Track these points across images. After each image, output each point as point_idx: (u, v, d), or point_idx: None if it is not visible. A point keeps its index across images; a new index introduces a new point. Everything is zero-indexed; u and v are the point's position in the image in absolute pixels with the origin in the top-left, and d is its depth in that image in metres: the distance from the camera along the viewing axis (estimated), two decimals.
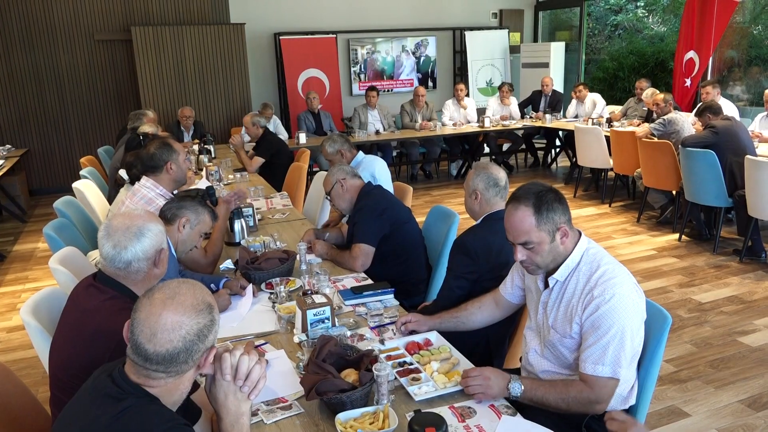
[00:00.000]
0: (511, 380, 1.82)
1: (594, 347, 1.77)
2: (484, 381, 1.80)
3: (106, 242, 1.79)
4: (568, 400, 1.78)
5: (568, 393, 1.79)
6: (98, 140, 8.49)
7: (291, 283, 2.75)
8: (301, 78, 9.04)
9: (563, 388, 1.81)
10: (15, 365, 3.69)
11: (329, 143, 4.14)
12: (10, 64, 8.06)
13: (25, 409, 1.86)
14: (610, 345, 1.74)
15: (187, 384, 1.36)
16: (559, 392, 1.80)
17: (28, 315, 2.09)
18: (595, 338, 1.77)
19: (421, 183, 8.62)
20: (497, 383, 1.81)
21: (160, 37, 8.13)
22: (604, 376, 1.75)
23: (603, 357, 1.75)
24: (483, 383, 1.80)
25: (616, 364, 1.75)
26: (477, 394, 1.80)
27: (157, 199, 3.03)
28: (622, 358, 1.75)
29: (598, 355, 1.76)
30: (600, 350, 1.75)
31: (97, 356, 1.56)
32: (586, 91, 8.43)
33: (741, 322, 4.01)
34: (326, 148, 4.12)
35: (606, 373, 1.75)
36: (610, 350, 1.74)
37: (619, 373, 1.75)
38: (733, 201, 5.16)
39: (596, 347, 1.76)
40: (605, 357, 1.75)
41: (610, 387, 1.77)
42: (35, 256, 5.95)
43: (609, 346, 1.74)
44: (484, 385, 1.80)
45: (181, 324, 1.28)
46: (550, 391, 1.81)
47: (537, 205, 1.83)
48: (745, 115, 7.60)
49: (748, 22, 9.40)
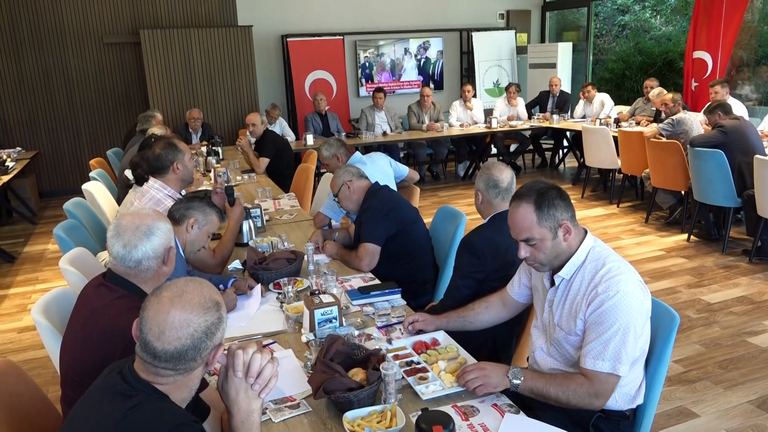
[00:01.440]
0: (511, 368, 1.82)
1: (595, 342, 1.77)
2: (481, 372, 1.81)
3: (116, 241, 1.80)
4: (568, 393, 1.78)
5: (568, 386, 1.79)
6: (107, 142, 8.55)
7: (299, 283, 2.76)
8: (309, 80, 9.07)
9: (564, 381, 1.81)
10: (26, 365, 3.72)
11: (325, 147, 4.17)
12: (21, 67, 8.14)
13: (36, 408, 1.88)
14: (612, 341, 1.74)
15: (196, 381, 1.38)
16: (559, 384, 1.80)
17: (39, 314, 2.12)
18: (596, 333, 1.77)
19: (429, 184, 8.62)
20: (495, 372, 1.82)
21: (169, 39, 8.18)
22: (603, 371, 1.75)
23: (603, 352, 1.75)
24: (480, 374, 1.81)
25: (616, 360, 1.75)
26: (478, 387, 1.80)
27: (165, 200, 3.05)
28: (623, 355, 1.75)
29: (598, 350, 1.76)
30: (601, 345, 1.76)
31: (107, 354, 1.57)
32: (595, 92, 8.40)
33: (750, 323, 3.99)
34: (323, 152, 4.17)
35: (605, 369, 1.75)
36: (611, 346, 1.75)
37: (619, 369, 1.75)
38: (742, 201, 5.13)
39: (597, 342, 1.77)
40: (606, 352, 1.75)
41: (611, 383, 1.77)
42: (45, 257, 6.00)
43: (610, 341, 1.75)
44: (481, 376, 1.80)
45: (189, 322, 1.29)
46: (550, 382, 1.82)
47: (538, 202, 1.84)
48: (754, 115, 7.56)
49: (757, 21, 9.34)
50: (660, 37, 11.70)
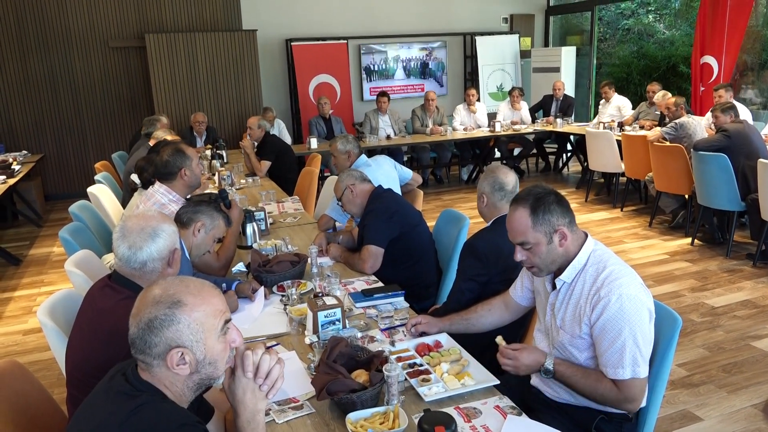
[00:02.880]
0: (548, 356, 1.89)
1: (609, 352, 1.78)
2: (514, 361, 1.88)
3: (121, 243, 1.82)
4: (596, 394, 1.82)
5: (597, 389, 1.82)
6: (112, 146, 8.59)
7: (302, 286, 2.78)
8: (313, 83, 9.10)
9: (595, 382, 1.83)
10: (31, 367, 3.70)
11: (342, 141, 4.17)
12: (27, 71, 8.19)
13: (42, 409, 1.89)
14: (625, 347, 1.76)
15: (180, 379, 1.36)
16: (591, 384, 1.83)
17: (45, 316, 2.13)
18: (608, 343, 1.78)
19: (432, 187, 8.63)
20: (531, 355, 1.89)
21: (174, 43, 8.22)
22: (625, 378, 1.77)
23: (621, 360, 1.76)
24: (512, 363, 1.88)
25: (634, 364, 1.76)
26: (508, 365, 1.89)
27: (170, 204, 3.06)
28: (639, 357, 1.76)
29: (616, 359, 1.77)
30: (617, 355, 1.77)
31: (112, 355, 1.58)
32: (612, 92, 8.25)
33: (754, 327, 3.98)
34: (338, 145, 4.15)
35: (627, 375, 1.77)
36: (626, 353, 1.76)
37: (639, 372, 1.77)
38: (745, 205, 5.12)
39: (612, 352, 1.77)
40: (623, 360, 1.76)
41: (636, 386, 1.79)
42: (50, 260, 6.03)
43: (624, 348, 1.76)
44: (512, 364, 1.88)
45: (137, 311, 1.34)
46: (582, 378, 1.85)
47: (534, 206, 1.86)
48: (758, 119, 7.55)
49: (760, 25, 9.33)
50: (663, 41, 11.70)
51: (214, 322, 1.35)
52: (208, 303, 1.36)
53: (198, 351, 1.33)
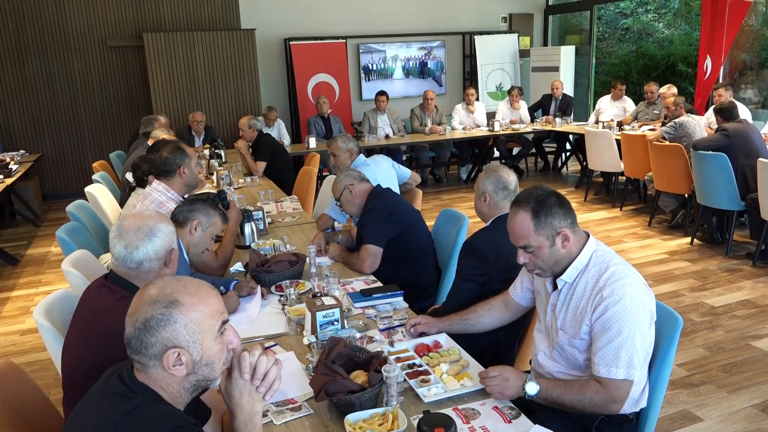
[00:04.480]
0: (527, 380, 1.82)
1: (606, 349, 1.76)
2: (503, 381, 1.81)
3: (117, 242, 1.81)
4: (584, 401, 1.79)
5: (584, 394, 1.79)
6: (110, 145, 8.57)
7: (301, 286, 2.76)
8: (311, 83, 9.08)
9: (579, 390, 1.80)
10: (28, 367, 3.71)
11: (343, 140, 4.16)
12: (24, 70, 8.17)
13: (38, 410, 1.88)
14: (623, 347, 1.74)
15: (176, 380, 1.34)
16: (575, 393, 1.80)
17: (41, 316, 2.11)
18: (606, 340, 1.76)
19: (431, 187, 8.62)
20: (515, 384, 1.82)
21: (172, 43, 8.20)
22: (618, 378, 1.75)
23: (616, 359, 1.75)
24: (502, 384, 1.81)
25: (629, 365, 1.75)
26: (495, 394, 1.82)
27: (168, 202, 3.05)
28: (635, 360, 1.75)
29: (611, 357, 1.75)
30: (613, 353, 1.75)
31: (108, 355, 1.57)
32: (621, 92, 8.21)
33: (754, 326, 3.97)
34: (339, 143, 4.14)
35: (620, 375, 1.75)
36: (623, 352, 1.74)
37: (632, 374, 1.75)
38: (745, 204, 5.11)
39: (608, 349, 1.76)
40: (619, 359, 1.74)
41: (625, 388, 1.78)
42: (48, 260, 6.01)
43: (622, 348, 1.74)
44: (502, 385, 1.81)
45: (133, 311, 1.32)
46: (566, 392, 1.82)
47: (536, 209, 1.84)
48: (758, 118, 7.54)
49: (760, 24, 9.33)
50: (662, 41, 11.70)
51: (211, 322, 1.34)
52: (205, 303, 1.34)
53: (194, 352, 1.32)
